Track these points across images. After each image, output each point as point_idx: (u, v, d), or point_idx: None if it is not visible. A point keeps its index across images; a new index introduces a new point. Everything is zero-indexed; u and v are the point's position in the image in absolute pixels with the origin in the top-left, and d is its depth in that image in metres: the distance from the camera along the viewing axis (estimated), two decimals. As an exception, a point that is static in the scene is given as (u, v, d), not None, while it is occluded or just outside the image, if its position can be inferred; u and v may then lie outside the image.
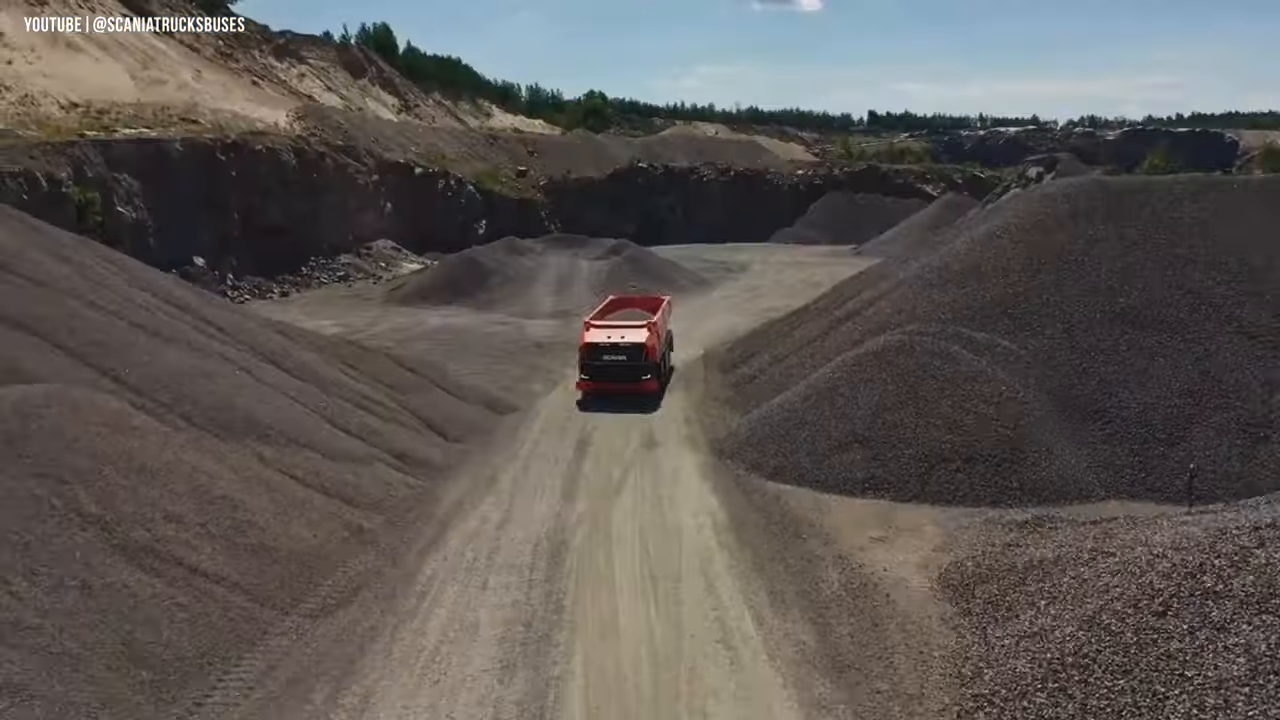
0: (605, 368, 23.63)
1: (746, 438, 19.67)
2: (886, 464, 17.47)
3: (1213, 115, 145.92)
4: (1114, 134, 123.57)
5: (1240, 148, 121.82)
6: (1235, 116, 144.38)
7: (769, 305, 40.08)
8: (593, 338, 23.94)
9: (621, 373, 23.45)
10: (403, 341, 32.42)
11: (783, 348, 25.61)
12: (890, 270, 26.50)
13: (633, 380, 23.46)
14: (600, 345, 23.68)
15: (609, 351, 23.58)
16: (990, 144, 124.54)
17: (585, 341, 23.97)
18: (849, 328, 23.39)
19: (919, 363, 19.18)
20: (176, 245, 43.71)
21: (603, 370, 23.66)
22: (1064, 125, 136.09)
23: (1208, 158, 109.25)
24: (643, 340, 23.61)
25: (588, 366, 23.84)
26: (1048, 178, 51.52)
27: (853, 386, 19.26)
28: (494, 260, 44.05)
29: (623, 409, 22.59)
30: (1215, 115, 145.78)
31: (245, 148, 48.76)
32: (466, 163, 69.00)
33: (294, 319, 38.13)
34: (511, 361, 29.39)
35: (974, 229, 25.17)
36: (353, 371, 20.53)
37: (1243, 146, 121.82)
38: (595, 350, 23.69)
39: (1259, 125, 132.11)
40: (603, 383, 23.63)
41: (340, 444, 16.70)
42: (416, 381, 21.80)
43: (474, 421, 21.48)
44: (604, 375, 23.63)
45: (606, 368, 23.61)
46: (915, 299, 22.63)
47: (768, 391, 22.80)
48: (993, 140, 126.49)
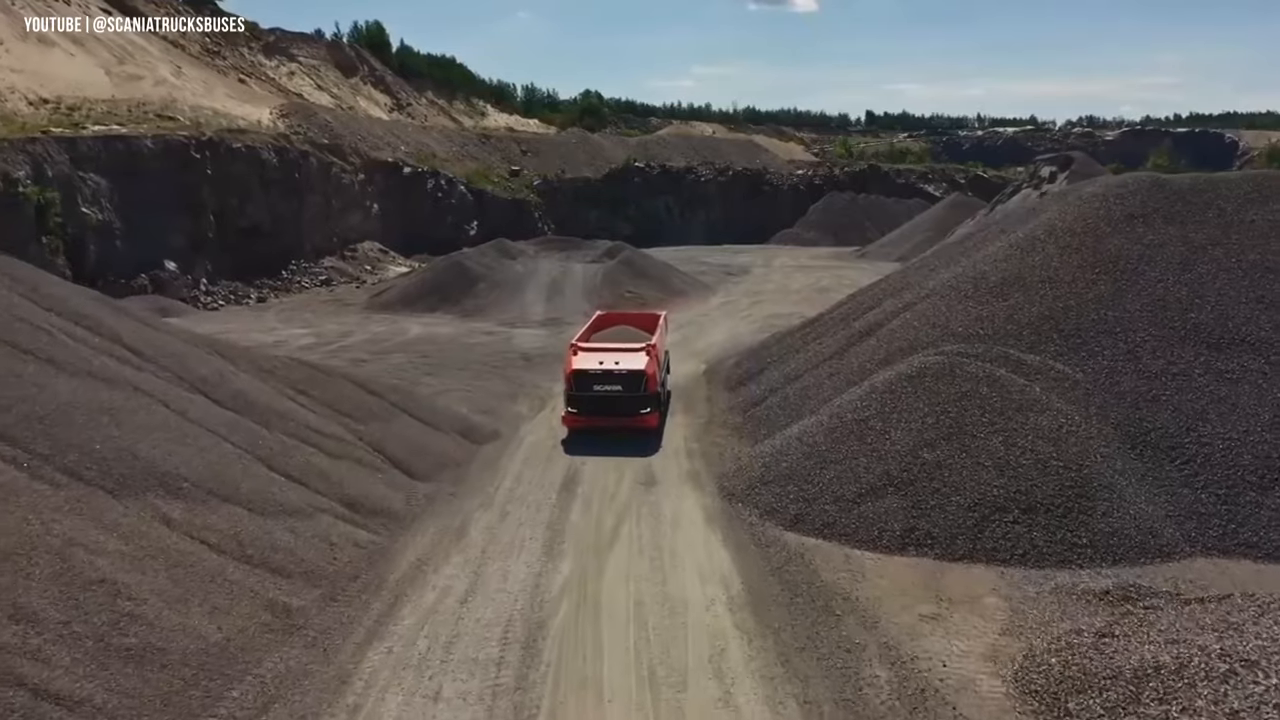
0: (597, 400, 19.57)
1: (760, 476, 16.59)
2: (929, 514, 14.40)
3: (1211, 116, 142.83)
4: (1113, 134, 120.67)
5: (1240, 148, 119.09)
6: (1234, 117, 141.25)
7: (773, 312, 37.06)
8: (581, 364, 19.83)
9: (616, 406, 19.52)
10: (378, 353, 29.32)
11: (795, 364, 22.53)
12: (914, 278, 23.42)
13: (629, 415, 19.53)
14: (590, 373, 19.57)
15: (601, 380, 19.49)
16: (988, 144, 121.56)
17: (573, 369, 19.76)
18: (873, 344, 20.31)
19: (962, 390, 16.11)
20: (146, 248, 40.56)
21: (594, 403, 19.61)
22: (1062, 125, 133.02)
23: (1207, 158, 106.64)
24: (641, 367, 19.63)
25: (575, 399, 19.72)
26: (1061, 177, 48.45)
27: (885, 417, 16.18)
28: (482, 264, 40.92)
29: (615, 438, 19.46)
30: (1213, 116, 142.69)
31: (222, 146, 45.56)
32: (458, 162, 65.84)
33: (266, 327, 35.08)
34: (495, 376, 26.28)
35: (1011, 231, 22.10)
36: (303, 398, 17.42)
37: (1243, 146, 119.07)
38: (584, 379, 19.59)
39: (1257, 126, 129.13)
40: (594, 418, 19.64)
41: (275, 494, 13.59)
42: (380, 408, 18.69)
43: (446, 454, 18.37)
44: (595, 409, 19.62)
45: (598, 400, 19.57)
46: (949, 312, 19.56)
47: (781, 417, 19.73)
48: (991, 140, 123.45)
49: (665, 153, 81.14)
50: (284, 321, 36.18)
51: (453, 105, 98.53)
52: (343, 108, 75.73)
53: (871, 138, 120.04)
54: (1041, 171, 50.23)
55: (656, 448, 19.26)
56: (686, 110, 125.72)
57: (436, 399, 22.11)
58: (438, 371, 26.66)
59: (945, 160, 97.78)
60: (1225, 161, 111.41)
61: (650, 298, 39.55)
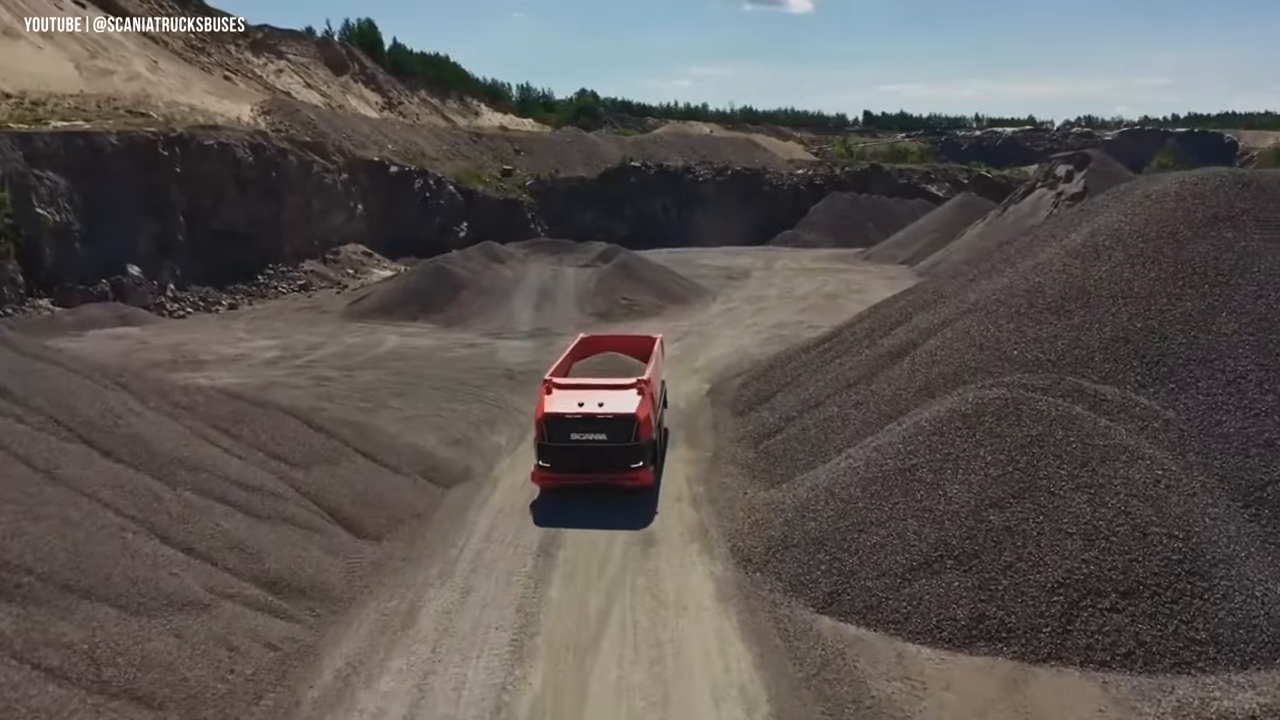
0: (575, 452, 15.09)
1: (782, 537, 13.30)
2: (1002, 597, 11.13)
3: (1209, 116, 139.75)
4: (1112, 134, 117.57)
5: (1240, 148, 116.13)
6: (1232, 117, 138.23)
7: (779, 321, 33.75)
8: (556, 406, 15.35)
9: (600, 459, 15.08)
10: (347, 370, 25.97)
11: (815, 388, 19.22)
12: (949, 289, 20.12)
13: (616, 471, 15.18)
14: (567, 418, 15.11)
15: (581, 427, 15.08)
16: (987, 144, 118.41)
17: (545, 412, 15.27)
18: (907, 369, 17.01)
19: (1032, 433, 12.81)
20: (109, 252, 37.17)
21: (571, 456, 15.11)
22: (1060, 125, 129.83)
23: (1208, 158, 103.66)
24: (631, 410, 15.16)
25: (548, 450, 15.23)
26: (1078, 176, 45.21)
27: (937, 467, 12.89)
28: (467, 269, 37.53)
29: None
30: (1212, 116, 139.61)
31: (193, 143, 42.11)
32: (448, 161, 62.43)
33: (232, 338, 31.69)
34: (474, 398, 22.95)
35: (1061, 236, 18.80)
36: (227, 441, 14.09)
37: (1242, 147, 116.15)
38: (560, 425, 15.11)
39: (1256, 126, 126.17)
40: (571, 474, 15.27)
41: (163, 580, 10.28)
42: (326, 447, 15.36)
43: (404, 503, 15.05)
44: (573, 463, 15.15)
45: (577, 452, 15.09)
46: (998, 333, 16.27)
47: (801, 454, 16.45)
48: (989, 140, 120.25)
49: (662, 152, 77.78)
50: (252, 331, 32.80)
51: (446, 104, 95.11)
52: (332, 106, 72.34)
53: (869, 138, 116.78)
54: (1057, 170, 46.99)
55: (654, 493, 15.93)
56: (683, 110, 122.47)
57: (400, 432, 18.73)
58: (409, 392, 23.31)
59: (944, 160, 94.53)
60: (1226, 162, 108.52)
61: (646, 304, 36.27)
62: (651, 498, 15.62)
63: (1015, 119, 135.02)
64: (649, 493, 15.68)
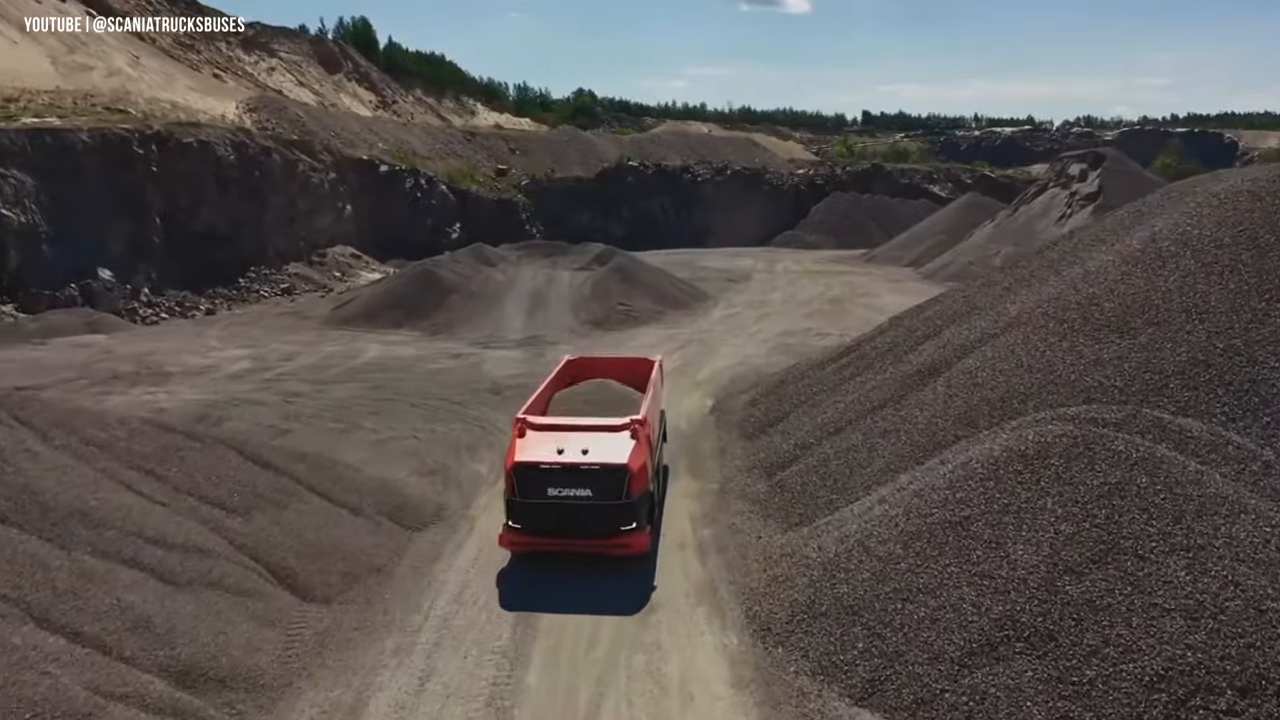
0: (553, 511, 12.16)
1: (807, 602, 10.97)
2: (1088, 693, 8.80)
3: (1208, 116, 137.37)
4: (1112, 134, 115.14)
5: (1240, 148, 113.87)
6: (1232, 117, 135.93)
7: (785, 328, 31.45)
8: (530, 452, 12.39)
9: (582, 521, 12.17)
10: (321, 384, 23.64)
11: (832, 410, 16.89)
12: (981, 299, 17.78)
13: (603, 535, 12.22)
14: (543, 469, 12.14)
15: (561, 480, 12.08)
16: (986, 144, 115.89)
17: (516, 461, 12.33)
18: (943, 392, 14.68)
19: (1111, 480, 10.48)
20: (78, 254, 34.79)
21: (548, 516, 12.19)
22: (1060, 125, 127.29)
23: (1208, 158, 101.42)
24: (622, 460, 12.18)
25: (520, 508, 12.31)
26: (1093, 176, 42.90)
27: (995, 521, 10.56)
28: (456, 273, 35.15)
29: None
30: (1211, 116, 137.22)
31: (171, 140, 39.69)
32: (440, 160, 60.01)
33: (203, 346, 29.27)
34: (455, 416, 20.61)
35: (1112, 241, 16.48)
36: (150, 484, 11.73)
37: (1242, 147, 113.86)
38: (534, 478, 12.16)
39: (1255, 126, 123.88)
40: (547, 538, 12.34)
41: (29, 687, 7.92)
42: (273, 488, 13.00)
43: (364, 554, 12.70)
44: (549, 525, 12.22)
45: (555, 511, 12.16)
46: (1050, 352, 13.94)
47: (823, 491, 14.13)
48: (989, 140, 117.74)
49: (660, 151, 75.36)
50: (225, 339, 30.43)
51: (442, 104, 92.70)
52: (324, 104, 69.95)
53: (868, 137, 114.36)
54: (1070, 170, 44.66)
55: (653, 540, 13.58)
56: (681, 110, 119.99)
57: (368, 460, 16.40)
58: (385, 410, 20.98)
59: (946, 160, 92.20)
60: (1226, 162, 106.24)
61: (644, 310, 33.94)
62: (650, 546, 13.27)
63: (1015, 119, 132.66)
64: (643, 564, 12.86)
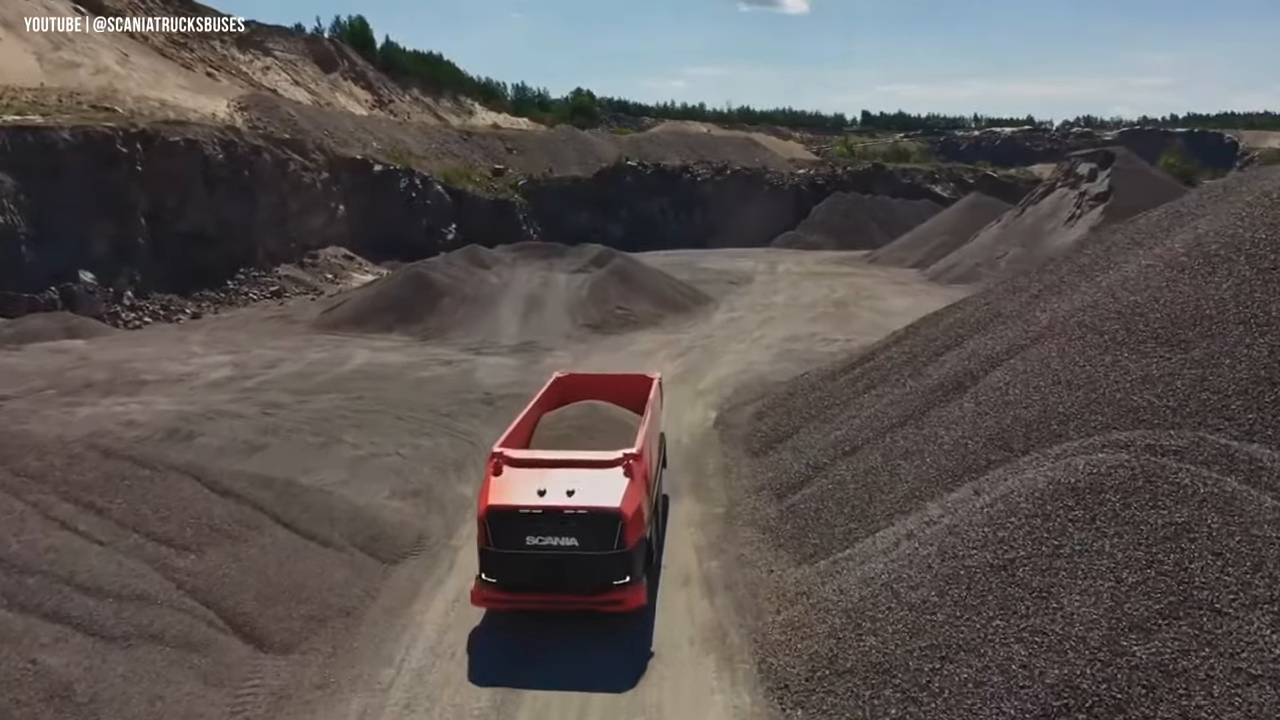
0: (533, 563, 10.30)
1: (830, 657, 9.59)
2: (1167, 779, 7.44)
3: (1208, 116, 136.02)
4: (1112, 134, 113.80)
5: (1240, 148, 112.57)
6: (1232, 117, 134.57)
7: (790, 333, 30.06)
8: (507, 495, 10.49)
9: (567, 575, 10.34)
10: (303, 393, 22.25)
11: (846, 426, 15.51)
12: (1008, 306, 16.39)
13: (593, 589, 10.37)
14: (522, 514, 10.26)
15: (542, 527, 10.20)
16: (986, 144, 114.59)
17: (490, 504, 10.42)
18: (970, 409, 13.28)
19: (1177, 520, 9.09)
20: (60, 257, 33.40)
21: (527, 569, 10.34)
22: (1060, 125, 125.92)
23: (1209, 158, 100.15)
24: (615, 504, 10.32)
25: (495, 560, 10.40)
26: (1103, 175, 41.52)
27: (1046, 566, 9.17)
28: (448, 275, 33.74)
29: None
30: (1211, 116, 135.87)
31: (158, 139, 38.28)
32: (436, 160, 58.58)
33: (184, 352, 27.79)
34: (443, 430, 19.22)
35: (1149, 245, 15.09)
36: (89, 519, 10.34)
37: (1243, 147, 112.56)
38: (511, 524, 10.29)
39: (1255, 126, 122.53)
40: (527, 595, 10.49)
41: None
42: (232, 518, 11.60)
43: (332, 593, 11.30)
44: (529, 579, 10.39)
45: (536, 563, 10.30)
46: (1091, 367, 12.55)
47: (840, 519, 12.74)
48: (988, 140, 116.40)
49: (659, 151, 73.92)
50: (208, 345, 29.01)
51: (439, 103, 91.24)
52: (319, 103, 68.52)
53: (868, 137, 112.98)
54: (1079, 169, 43.28)
55: (654, 576, 12.20)
56: (680, 110, 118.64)
57: (347, 480, 15.01)
58: (369, 423, 19.59)
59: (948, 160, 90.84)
60: (1226, 161, 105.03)
61: (643, 314, 32.54)
62: (649, 581, 11.89)
63: (1014, 119, 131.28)
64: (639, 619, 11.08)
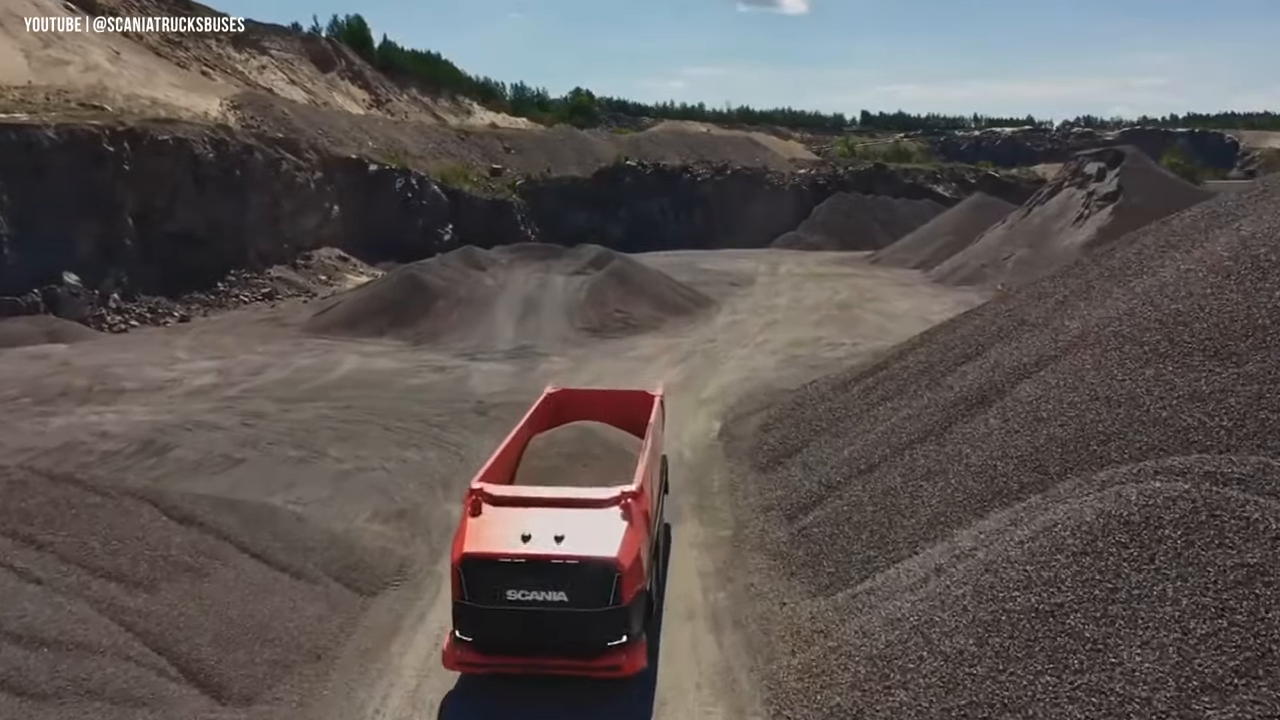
0: (516, 620, 8.75)
1: (855, 713, 8.47)
2: None
3: (1209, 116, 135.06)
4: (1112, 134, 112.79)
5: (1240, 148, 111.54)
6: (1232, 117, 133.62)
7: (794, 337, 28.97)
8: (485, 540, 8.93)
9: (557, 634, 8.80)
10: (288, 402, 21.14)
11: (861, 442, 14.41)
12: (1033, 313, 15.29)
13: (585, 651, 8.86)
14: (502, 563, 8.74)
15: (526, 580, 8.67)
16: (986, 144, 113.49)
17: (465, 552, 8.80)
18: (998, 426, 12.18)
19: (1249, 562, 7.96)
20: (43, 258, 32.24)
21: (509, 626, 8.80)
22: (1060, 125, 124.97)
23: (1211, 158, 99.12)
24: (611, 553, 8.76)
25: (471, 617, 8.86)
26: (1111, 175, 40.46)
27: (1099, 615, 8.06)
28: (443, 277, 32.64)
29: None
30: (1211, 116, 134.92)
31: (146, 138, 37.15)
32: (433, 160, 57.50)
33: (169, 357, 26.67)
34: (433, 442, 18.13)
35: (1186, 248, 14.00)
36: (29, 556, 9.24)
37: (1243, 147, 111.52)
38: (489, 577, 8.74)
39: (1255, 126, 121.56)
40: (508, 657, 8.94)
41: None
42: (194, 550, 10.49)
43: (301, 633, 10.20)
44: (511, 639, 8.85)
45: (519, 622, 8.76)
46: (1133, 381, 11.45)
47: (858, 545, 11.65)
48: (988, 140, 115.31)
49: (659, 151, 72.84)
50: (194, 350, 27.91)
51: (437, 103, 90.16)
52: (316, 103, 67.42)
53: (868, 138, 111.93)
54: (1087, 169, 42.20)
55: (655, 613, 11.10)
56: (679, 110, 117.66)
57: (330, 499, 13.91)
58: (355, 434, 18.51)
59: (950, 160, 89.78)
60: (1227, 162, 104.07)
61: (642, 317, 31.45)
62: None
63: (1014, 119, 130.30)
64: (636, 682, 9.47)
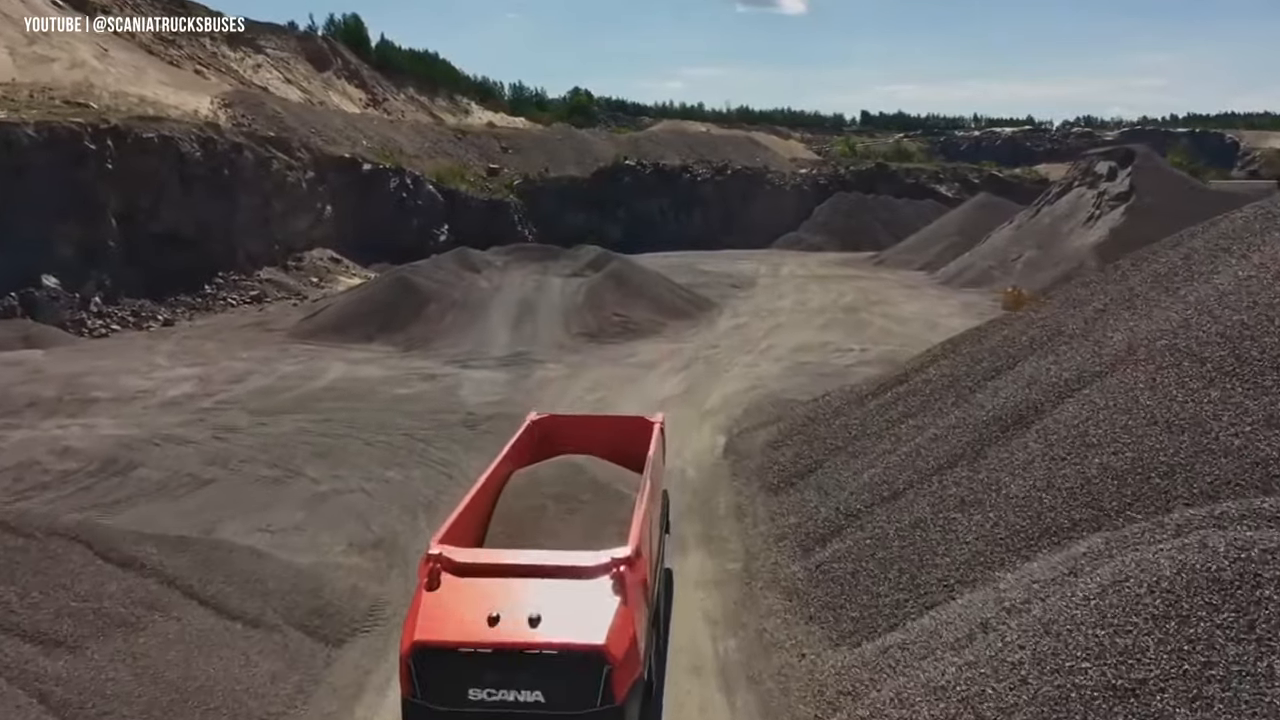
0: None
1: (895, 805, 7.12)
2: None
3: (1208, 116, 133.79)
4: (1112, 134, 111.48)
5: (1241, 148, 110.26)
6: (1232, 117, 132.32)
7: (800, 342, 27.58)
8: (438, 627, 6.77)
9: None
10: (266, 414, 19.74)
11: (882, 465, 13.03)
12: (1071, 323, 13.88)
13: None
14: (462, 655, 6.60)
15: (491, 676, 6.54)
16: (986, 144, 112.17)
17: (417, 640, 6.69)
18: (1040, 452, 10.78)
19: (1370, 631, 6.64)
20: (21, 260, 30.79)
21: None
22: (1060, 125, 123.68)
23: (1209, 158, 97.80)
24: (598, 640, 6.67)
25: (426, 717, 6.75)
26: (1122, 174, 39.09)
27: (1195, 696, 6.63)
28: (435, 280, 31.24)
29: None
30: (1211, 116, 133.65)
31: (130, 136, 35.72)
32: (428, 159, 56.05)
33: (148, 364, 25.21)
34: (418, 459, 16.73)
35: (1242, 250, 12.61)
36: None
37: (1244, 147, 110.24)
38: (446, 672, 6.66)
39: (1255, 126, 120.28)
40: None
41: None
42: (131, 600, 9.08)
43: (252, 694, 8.80)
44: None
45: None
46: (1193, 404, 10.07)
47: (885, 585, 10.28)
48: (988, 140, 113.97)
49: (658, 150, 71.42)
50: (174, 356, 26.48)
51: (435, 102, 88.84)
52: (311, 101, 66.01)
53: (868, 137, 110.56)
54: (1097, 168, 40.82)
55: (661, 664, 9.72)
56: (679, 110, 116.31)
57: (301, 524, 12.52)
58: (335, 450, 17.12)
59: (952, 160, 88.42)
60: (1228, 161, 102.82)
61: (642, 321, 30.06)
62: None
63: (1014, 119, 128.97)
64: None
